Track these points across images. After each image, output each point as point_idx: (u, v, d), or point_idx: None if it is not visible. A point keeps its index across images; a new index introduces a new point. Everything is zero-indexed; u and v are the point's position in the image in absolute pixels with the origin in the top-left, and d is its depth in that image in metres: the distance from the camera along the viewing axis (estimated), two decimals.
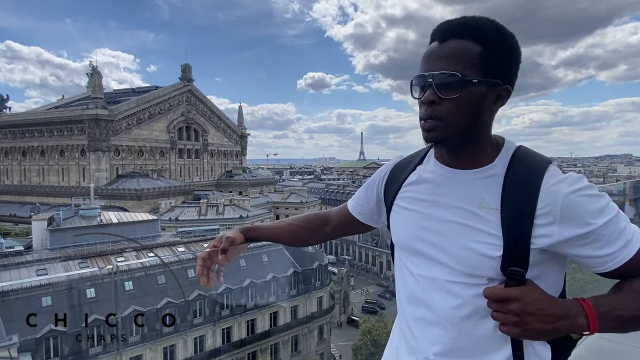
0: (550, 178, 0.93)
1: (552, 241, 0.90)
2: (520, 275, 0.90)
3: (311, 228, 1.46)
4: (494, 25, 0.94)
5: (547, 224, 0.90)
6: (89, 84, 71.88)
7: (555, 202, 0.90)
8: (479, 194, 0.97)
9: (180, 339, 20.66)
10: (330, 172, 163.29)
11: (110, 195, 50.83)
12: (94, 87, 56.61)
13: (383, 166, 1.31)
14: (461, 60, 0.92)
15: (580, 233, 0.89)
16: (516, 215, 0.91)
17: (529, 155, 0.99)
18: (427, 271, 1.03)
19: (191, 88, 68.82)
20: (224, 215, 47.28)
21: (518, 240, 0.91)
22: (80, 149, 55.48)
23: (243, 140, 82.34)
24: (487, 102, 0.95)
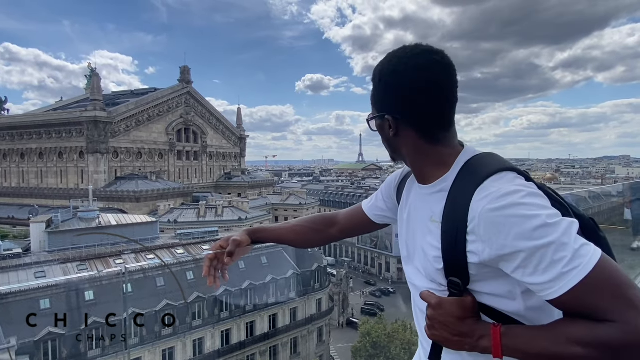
0: (478, 193, 0.91)
1: (480, 258, 0.90)
2: (456, 285, 0.96)
3: (317, 229, 1.49)
4: (380, 65, 1.07)
5: (474, 241, 0.90)
6: (87, 86, 71.84)
7: (475, 219, 0.89)
8: (431, 209, 1.03)
9: (179, 341, 20.61)
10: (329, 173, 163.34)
11: (109, 197, 50.75)
12: (92, 89, 56.59)
13: (395, 173, 1.38)
14: (372, 101, 1.12)
15: (500, 255, 0.86)
16: (451, 230, 0.94)
17: (475, 165, 0.99)
18: (413, 278, 1.13)
19: (190, 90, 68.83)
20: (223, 217, 47.23)
21: (452, 253, 0.94)
22: (79, 151, 55.42)
23: (242, 142, 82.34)
24: (386, 131, 1.09)
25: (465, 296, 0.95)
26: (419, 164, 1.09)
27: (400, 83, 1.02)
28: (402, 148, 1.10)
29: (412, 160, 1.10)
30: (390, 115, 1.05)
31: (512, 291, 0.94)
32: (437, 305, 0.95)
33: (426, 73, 1.00)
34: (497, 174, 0.93)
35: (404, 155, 1.11)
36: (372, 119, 1.11)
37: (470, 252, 0.92)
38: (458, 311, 0.93)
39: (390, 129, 1.06)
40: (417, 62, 1.00)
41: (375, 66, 1.08)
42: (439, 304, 0.95)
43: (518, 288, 0.94)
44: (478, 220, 0.88)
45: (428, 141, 1.05)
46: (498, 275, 0.92)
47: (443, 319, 0.93)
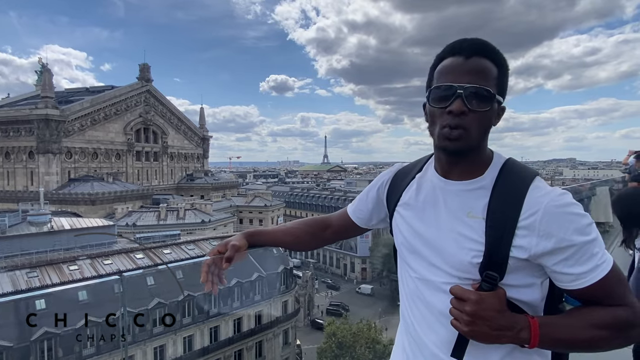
0: (535, 190, 0.98)
1: (530, 252, 0.96)
2: (493, 279, 0.97)
3: (312, 232, 1.50)
4: (499, 51, 1.05)
5: (526, 235, 0.96)
6: (38, 82, 67.69)
7: (536, 214, 0.95)
8: (469, 204, 1.05)
9: (138, 350, 19.83)
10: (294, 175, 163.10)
11: (62, 200, 48.07)
12: (43, 86, 53.41)
13: (384, 173, 1.37)
14: (487, 77, 1.01)
15: (556, 248, 0.94)
16: (499, 225, 0.98)
17: (516, 167, 1.06)
18: (425, 274, 1.11)
19: (150, 88, 66.50)
20: (184, 220, 45.94)
21: (498, 247, 0.97)
22: (28, 151, 52.09)
23: (205, 143, 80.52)
24: (494, 118, 1.05)
25: (498, 289, 0.98)
26: (476, 159, 1.08)
27: (508, 75, 1.06)
28: (485, 138, 1.07)
29: (477, 155, 1.08)
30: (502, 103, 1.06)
31: (533, 282, 1.02)
32: (479, 300, 0.94)
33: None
34: (537, 176, 1.03)
35: (479, 148, 1.07)
36: (495, 103, 1.03)
37: (517, 247, 0.96)
38: (498, 305, 0.95)
39: (498, 117, 1.07)
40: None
41: (491, 44, 1.04)
42: (480, 299, 0.94)
43: (538, 279, 1.02)
44: (542, 215, 0.94)
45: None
46: (526, 267, 0.99)
47: (485, 313, 0.94)
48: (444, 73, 1.05)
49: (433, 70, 1.10)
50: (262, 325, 25.47)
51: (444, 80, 1.04)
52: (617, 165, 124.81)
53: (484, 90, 0.99)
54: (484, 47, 1.03)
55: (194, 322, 21.78)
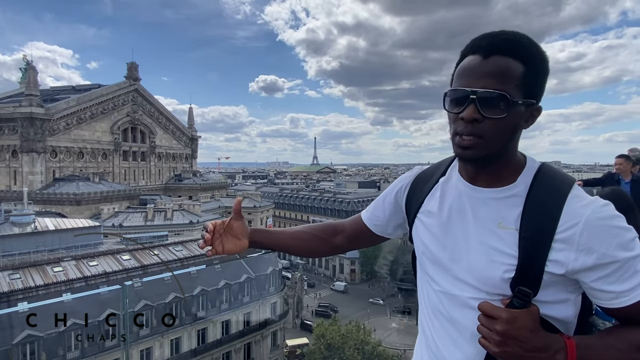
0: (574, 200, 0.90)
1: (567, 268, 0.88)
2: (526, 296, 0.89)
3: (321, 237, 1.40)
4: (533, 44, 0.93)
5: (564, 249, 0.88)
6: (22, 80, 66.24)
7: (576, 226, 0.87)
8: (500, 214, 0.96)
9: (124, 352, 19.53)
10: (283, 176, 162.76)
11: (46, 200, 47.14)
12: (28, 83, 52.32)
13: (402, 177, 1.26)
14: (507, 79, 0.90)
15: (597, 264, 0.86)
16: (534, 237, 0.90)
17: (552, 174, 0.97)
18: (449, 288, 1.03)
19: (138, 87, 65.67)
20: (172, 220, 45.47)
21: (532, 261, 0.90)
22: (12, 149, 50.98)
23: (193, 143, 79.78)
24: (522, 121, 0.95)
25: (531, 307, 0.90)
26: (506, 164, 0.99)
27: (546, 70, 0.94)
28: (514, 146, 0.98)
29: (506, 160, 0.98)
30: (538, 103, 0.96)
31: (567, 298, 0.94)
32: (511, 319, 0.86)
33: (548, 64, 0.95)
34: (574, 184, 0.94)
35: (507, 153, 0.98)
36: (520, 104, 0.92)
37: (553, 261, 0.89)
38: (532, 324, 0.87)
39: (530, 120, 0.96)
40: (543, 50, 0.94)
41: (519, 39, 0.93)
42: (513, 318, 0.86)
43: (573, 294, 0.95)
44: (582, 228, 0.86)
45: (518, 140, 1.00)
46: (561, 283, 0.92)
47: (517, 333, 0.86)
48: (460, 74, 0.96)
49: (456, 68, 1.00)
50: (250, 327, 25.33)
51: (458, 83, 0.95)
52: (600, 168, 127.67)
53: (499, 96, 0.89)
54: (507, 44, 0.91)
55: (182, 324, 21.56)
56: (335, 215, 68.05)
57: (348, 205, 68.77)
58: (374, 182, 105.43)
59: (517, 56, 0.91)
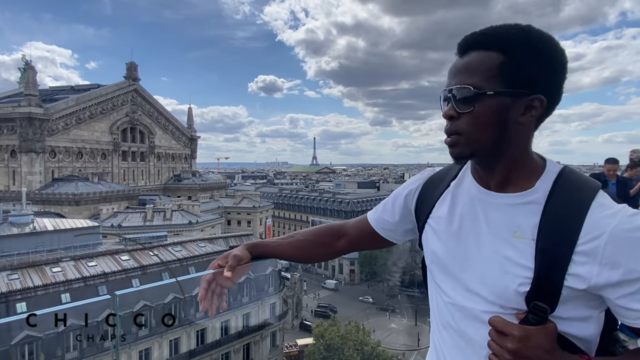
0: (599, 209, 0.82)
1: (589, 283, 0.81)
2: (543, 312, 0.83)
3: (323, 242, 1.34)
4: (520, 31, 0.87)
5: (586, 263, 0.81)
6: (21, 80, 66.15)
7: (600, 238, 0.79)
8: (515, 221, 0.89)
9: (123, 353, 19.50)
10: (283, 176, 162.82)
11: (45, 200, 47.08)
12: (27, 83, 52.30)
13: (412, 179, 1.21)
14: (477, 72, 0.87)
15: (624, 280, 0.78)
16: (552, 248, 0.83)
17: (574, 179, 0.89)
18: (459, 299, 0.97)
19: (137, 87, 65.65)
20: (171, 221, 45.42)
21: (550, 275, 0.83)
22: (11, 149, 50.91)
23: (193, 143, 79.76)
24: (513, 114, 0.87)
25: (548, 324, 0.83)
26: (517, 165, 0.92)
27: (555, 56, 0.87)
28: (516, 141, 0.90)
29: (514, 160, 0.92)
30: (544, 93, 0.87)
31: (590, 315, 0.87)
32: (523, 337, 0.80)
33: (564, 54, 0.89)
34: (600, 191, 0.86)
35: (510, 151, 0.91)
36: (494, 94, 0.86)
37: (573, 275, 0.81)
38: (548, 343, 0.81)
39: (527, 112, 0.88)
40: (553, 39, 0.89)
41: (499, 30, 0.89)
42: (525, 336, 0.81)
43: (595, 311, 0.87)
44: (607, 240, 0.79)
45: (532, 138, 0.93)
46: (583, 298, 0.84)
47: (530, 352, 0.80)
48: (447, 77, 0.95)
49: None
50: (249, 327, 25.31)
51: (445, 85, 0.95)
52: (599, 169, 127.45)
53: (463, 89, 0.87)
54: (482, 38, 0.89)
55: (181, 325, 21.54)
56: (335, 215, 68.06)
57: (347, 205, 68.79)
58: (374, 183, 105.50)
59: (493, 47, 0.87)
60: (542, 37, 0.87)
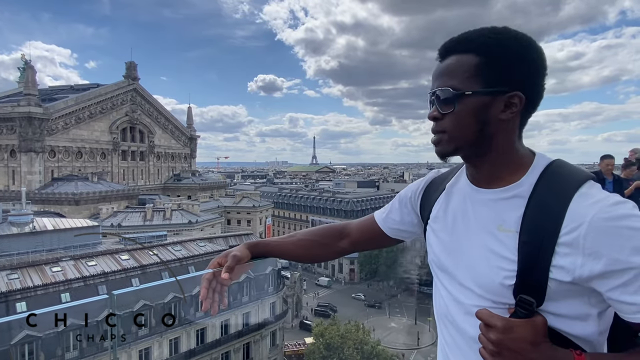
0: (581, 199, 0.82)
1: (574, 275, 0.80)
2: (529, 305, 0.83)
3: (325, 243, 1.36)
4: (494, 34, 0.91)
5: (569, 254, 0.80)
6: (20, 79, 66.12)
7: (580, 228, 0.79)
8: (500, 216, 0.91)
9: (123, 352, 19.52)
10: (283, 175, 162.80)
11: (45, 199, 47.07)
12: (26, 83, 52.25)
13: (417, 181, 1.25)
14: (457, 74, 0.92)
15: (608, 270, 0.77)
16: (534, 240, 0.83)
17: (561, 172, 0.90)
18: (456, 294, 1.00)
19: (136, 87, 65.63)
20: (171, 220, 45.43)
21: (534, 267, 0.83)
22: (10, 149, 50.88)
23: (192, 143, 79.73)
24: (493, 111, 0.90)
25: (535, 317, 0.83)
26: (502, 161, 0.94)
27: (530, 54, 0.90)
28: (499, 137, 0.93)
29: (498, 155, 0.94)
30: (522, 90, 0.89)
31: (587, 313, 0.85)
32: (506, 329, 0.81)
33: (540, 51, 0.92)
34: (588, 181, 0.86)
35: (494, 147, 0.93)
36: (472, 94, 0.90)
37: (557, 267, 0.81)
38: (531, 335, 0.81)
39: (507, 109, 0.90)
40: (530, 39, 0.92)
41: (474, 34, 0.94)
42: (508, 327, 0.81)
43: (594, 309, 0.85)
44: (586, 230, 0.78)
45: (519, 134, 0.95)
46: (576, 294, 0.83)
47: (513, 344, 0.80)
48: (431, 81, 1.00)
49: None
50: (249, 326, 25.33)
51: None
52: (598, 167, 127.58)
53: (443, 91, 0.92)
54: (457, 42, 0.94)
55: (181, 324, 21.56)
56: (335, 214, 68.07)
57: (347, 204, 68.80)
58: (373, 182, 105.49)
59: (469, 50, 0.92)
60: (517, 37, 0.91)
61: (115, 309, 1.30)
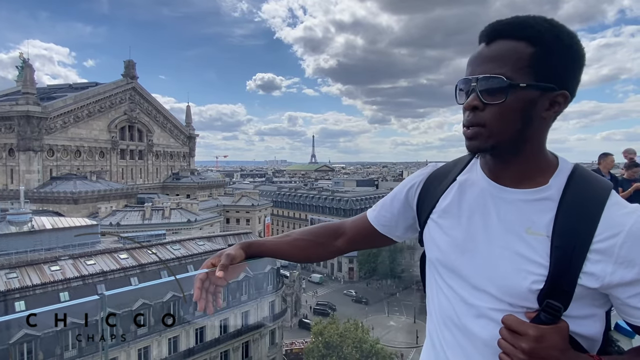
0: (616, 207, 0.82)
1: (602, 282, 0.80)
2: (556, 311, 0.81)
3: (320, 242, 1.33)
4: (549, 24, 0.85)
5: (600, 261, 0.80)
6: (18, 78, 65.99)
7: (617, 236, 0.79)
8: (529, 218, 0.87)
9: (122, 352, 19.52)
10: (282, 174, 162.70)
11: (43, 198, 47.01)
12: (25, 81, 52.12)
13: (414, 174, 1.18)
14: (508, 62, 0.84)
15: (636, 279, 0.78)
16: (568, 246, 0.81)
17: (588, 177, 0.88)
18: (466, 296, 0.94)
19: (135, 85, 65.52)
20: (170, 219, 45.40)
21: (565, 273, 0.81)
22: (8, 148, 50.79)
23: (191, 141, 79.67)
24: (538, 108, 0.85)
25: (560, 323, 0.82)
26: (534, 161, 0.90)
27: (579, 52, 0.85)
28: (537, 136, 0.89)
29: (532, 155, 0.90)
30: (567, 89, 0.85)
31: (594, 314, 0.86)
32: (540, 337, 0.79)
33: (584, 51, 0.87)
34: (612, 189, 0.86)
35: (529, 146, 0.89)
36: (526, 87, 0.84)
37: (587, 274, 0.80)
38: (562, 342, 0.80)
39: (551, 107, 0.86)
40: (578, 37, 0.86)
41: (528, 20, 0.86)
42: (541, 336, 0.79)
43: (601, 310, 0.87)
44: (624, 239, 0.78)
45: (547, 133, 0.91)
46: (591, 297, 0.84)
47: (545, 353, 0.78)
48: (467, 65, 0.91)
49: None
50: (248, 325, 25.36)
51: (465, 74, 0.91)
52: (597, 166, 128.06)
53: (494, 79, 0.84)
54: (510, 27, 0.86)
55: (179, 323, 21.56)
56: (334, 213, 68.10)
57: (346, 203, 68.82)
58: (372, 181, 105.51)
59: (523, 37, 0.84)
60: (569, 32, 0.85)
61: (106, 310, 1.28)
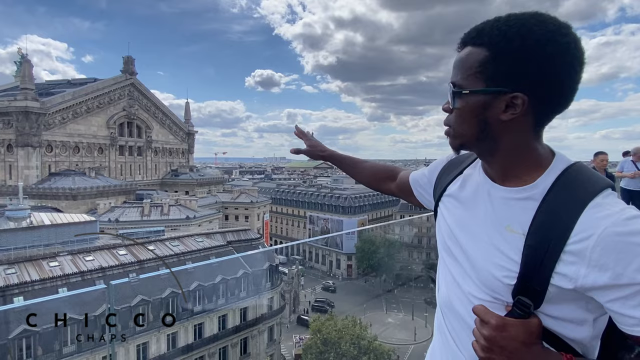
0: (595, 209, 0.79)
1: (576, 283, 0.79)
2: (526, 307, 0.83)
3: (385, 177, 1.53)
4: (506, 24, 0.83)
5: (574, 262, 0.79)
6: (16, 73, 65.72)
7: (589, 239, 0.77)
8: (511, 215, 0.89)
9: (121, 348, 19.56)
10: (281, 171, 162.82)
11: (42, 194, 46.98)
12: (23, 77, 51.90)
13: (443, 157, 1.25)
14: (462, 69, 0.89)
15: (612, 284, 0.75)
16: (540, 246, 0.82)
17: (578, 177, 0.86)
18: (459, 280, 0.99)
19: (134, 81, 65.37)
20: (169, 216, 45.41)
21: (536, 272, 0.82)
22: (7, 144, 50.69)
23: (190, 138, 79.59)
24: (493, 111, 0.86)
25: (530, 318, 0.83)
26: (514, 160, 0.91)
27: (539, 53, 0.80)
28: (505, 137, 0.89)
29: (508, 154, 0.91)
30: (523, 92, 0.83)
31: (584, 318, 0.85)
32: (500, 327, 0.82)
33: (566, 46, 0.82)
34: (606, 190, 0.83)
35: (502, 147, 0.90)
36: (469, 93, 0.87)
37: (560, 274, 0.80)
38: (524, 336, 0.81)
39: (508, 109, 0.85)
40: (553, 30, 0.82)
41: (488, 24, 0.86)
42: (501, 325, 0.82)
43: (591, 315, 0.85)
44: (595, 242, 0.76)
45: (536, 134, 0.90)
46: (575, 299, 0.83)
47: (505, 342, 0.81)
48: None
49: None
50: (247, 322, 25.43)
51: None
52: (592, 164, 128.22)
53: (450, 86, 0.90)
54: (473, 33, 0.89)
55: (178, 319, 21.61)
56: (333, 211, 68.14)
57: (345, 200, 68.85)
58: None
59: (480, 43, 0.86)
60: (533, 29, 0.81)
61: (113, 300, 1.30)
